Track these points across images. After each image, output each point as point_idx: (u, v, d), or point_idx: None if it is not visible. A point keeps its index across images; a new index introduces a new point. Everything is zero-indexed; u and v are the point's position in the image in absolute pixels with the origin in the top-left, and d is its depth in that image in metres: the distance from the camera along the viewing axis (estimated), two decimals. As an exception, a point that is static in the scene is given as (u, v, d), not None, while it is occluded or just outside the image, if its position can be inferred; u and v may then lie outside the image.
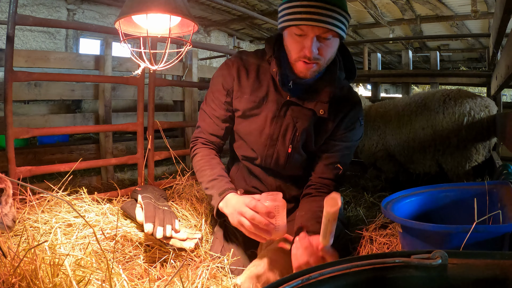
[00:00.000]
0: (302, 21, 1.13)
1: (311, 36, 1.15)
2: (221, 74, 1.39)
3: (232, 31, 10.09)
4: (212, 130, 1.41)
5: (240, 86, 1.35)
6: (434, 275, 0.61)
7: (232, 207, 1.16)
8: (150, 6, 1.08)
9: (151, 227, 1.25)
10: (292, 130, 1.32)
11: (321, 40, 1.17)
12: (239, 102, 1.35)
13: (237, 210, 1.13)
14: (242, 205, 1.12)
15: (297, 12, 1.14)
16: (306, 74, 1.23)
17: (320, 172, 1.36)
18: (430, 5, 6.73)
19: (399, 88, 13.73)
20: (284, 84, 1.29)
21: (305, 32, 1.15)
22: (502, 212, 1.06)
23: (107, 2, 7.38)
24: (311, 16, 1.12)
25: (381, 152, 2.54)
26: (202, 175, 1.33)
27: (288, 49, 1.24)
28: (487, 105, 2.13)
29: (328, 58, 1.23)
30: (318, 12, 1.11)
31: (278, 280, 0.59)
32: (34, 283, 0.88)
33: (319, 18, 1.12)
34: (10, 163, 1.50)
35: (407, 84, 4.16)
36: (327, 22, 1.12)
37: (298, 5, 1.14)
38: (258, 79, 1.35)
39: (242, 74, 1.35)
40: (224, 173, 1.33)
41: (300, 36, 1.17)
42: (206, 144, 1.42)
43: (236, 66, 1.36)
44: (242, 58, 1.38)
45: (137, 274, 1.21)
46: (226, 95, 1.37)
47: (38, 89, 2.34)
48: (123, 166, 2.85)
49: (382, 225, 1.60)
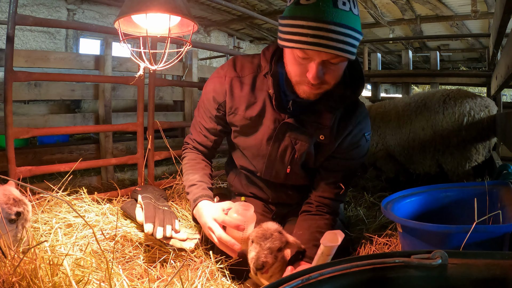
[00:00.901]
0: (308, 45, 0.95)
1: (317, 61, 0.99)
2: (213, 88, 1.28)
3: (232, 31, 10.09)
4: (201, 141, 1.38)
5: (233, 100, 1.25)
6: (434, 275, 0.61)
7: (203, 218, 1.16)
8: (150, 5, 1.08)
9: (151, 227, 1.25)
10: (290, 152, 1.25)
11: (328, 65, 1.01)
12: (234, 118, 1.27)
13: (207, 225, 1.13)
14: (211, 220, 1.12)
15: (303, 34, 0.95)
16: (310, 96, 1.11)
17: (321, 190, 1.29)
18: (430, 5, 6.72)
19: (399, 88, 13.73)
20: (282, 106, 1.18)
21: (310, 56, 0.99)
22: (502, 212, 1.06)
23: (107, 2, 7.38)
24: (318, 41, 0.93)
25: (381, 152, 2.54)
26: (185, 179, 1.33)
27: (288, 69, 1.11)
28: (487, 105, 2.13)
29: (334, 83, 1.09)
30: (328, 36, 0.93)
31: (278, 280, 0.59)
32: (34, 282, 0.88)
33: (328, 43, 0.93)
34: (10, 163, 1.50)
35: (407, 84, 4.17)
36: (337, 48, 0.95)
37: (303, 25, 0.95)
38: (254, 93, 1.23)
39: (235, 87, 1.24)
40: (205, 178, 1.30)
41: (304, 59, 1.02)
42: (195, 149, 1.40)
43: (229, 78, 1.24)
44: (236, 68, 1.26)
45: (137, 274, 1.20)
46: (217, 109, 1.29)
47: (38, 89, 2.33)
48: (123, 166, 2.85)
49: (382, 225, 1.60)
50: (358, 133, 1.24)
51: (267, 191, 1.41)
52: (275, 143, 1.24)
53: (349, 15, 0.96)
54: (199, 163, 1.36)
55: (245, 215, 1.09)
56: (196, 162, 1.36)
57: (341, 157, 1.26)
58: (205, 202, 1.20)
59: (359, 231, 1.59)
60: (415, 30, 8.03)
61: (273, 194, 1.41)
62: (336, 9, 0.94)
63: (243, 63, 1.27)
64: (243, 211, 1.10)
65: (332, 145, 1.23)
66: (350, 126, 1.22)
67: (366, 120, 1.27)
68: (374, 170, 2.83)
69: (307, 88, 1.08)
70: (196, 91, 3.32)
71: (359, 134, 1.24)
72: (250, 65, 1.26)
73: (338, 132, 1.22)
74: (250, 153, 1.33)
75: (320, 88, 1.08)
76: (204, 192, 1.24)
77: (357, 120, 1.23)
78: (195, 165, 1.35)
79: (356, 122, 1.23)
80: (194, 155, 1.38)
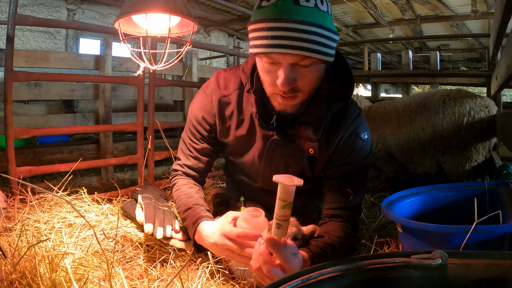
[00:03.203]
0: (270, 48, 0.88)
1: (284, 65, 0.91)
2: (201, 107, 1.21)
3: (232, 31, 10.10)
4: (192, 164, 1.27)
5: (223, 123, 1.20)
6: (434, 275, 0.61)
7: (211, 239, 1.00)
8: (150, 6, 1.08)
9: (151, 227, 1.25)
10: (283, 168, 1.19)
11: (298, 68, 0.93)
12: (226, 139, 1.23)
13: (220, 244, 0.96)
14: (222, 238, 0.96)
15: (264, 37, 0.88)
16: (286, 108, 1.03)
17: (329, 202, 1.19)
18: (430, 5, 6.73)
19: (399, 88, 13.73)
20: (266, 124, 1.10)
21: (276, 61, 0.92)
22: (502, 212, 1.06)
23: (107, 2, 7.38)
24: (280, 42, 0.86)
25: (381, 152, 2.54)
26: (178, 206, 1.21)
27: (262, 80, 1.03)
28: (487, 105, 2.13)
29: (309, 90, 1.00)
30: (290, 36, 0.85)
31: (278, 280, 0.59)
32: (33, 280, 0.88)
33: (291, 43, 0.86)
34: (10, 163, 1.50)
35: (407, 84, 4.16)
36: (302, 48, 0.86)
37: (263, 28, 0.88)
38: (241, 111, 1.17)
39: (223, 108, 1.18)
40: (201, 201, 1.20)
41: (272, 65, 0.94)
42: (185, 175, 1.29)
43: (216, 98, 1.18)
44: (220, 85, 1.19)
45: (137, 274, 1.20)
46: (208, 130, 1.23)
47: (38, 89, 2.33)
48: (123, 166, 2.85)
49: (382, 225, 1.60)
50: (351, 136, 1.14)
51: (267, 198, 1.35)
52: (266, 160, 1.19)
53: (314, 12, 0.88)
54: (192, 187, 1.25)
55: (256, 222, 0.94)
56: (189, 187, 1.24)
57: (340, 163, 1.17)
58: (206, 222, 1.07)
59: (359, 231, 1.58)
60: (415, 30, 8.04)
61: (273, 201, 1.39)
62: (298, 6, 0.87)
63: (226, 79, 1.20)
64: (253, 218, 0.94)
65: (324, 156, 1.16)
66: (341, 132, 1.13)
67: (358, 119, 1.16)
68: (374, 170, 2.83)
69: (280, 99, 0.99)
70: (196, 91, 3.33)
71: (352, 136, 1.14)
72: (234, 79, 1.19)
73: (328, 142, 1.14)
74: (246, 169, 1.29)
75: (294, 98, 0.99)
76: (203, 213, 1.12)
77: (347, 124, 1.14)
78: (188, 190, 1.23)
79: (347, 126, 1.14)
80: (185, 180, 1.27)
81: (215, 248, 1.00)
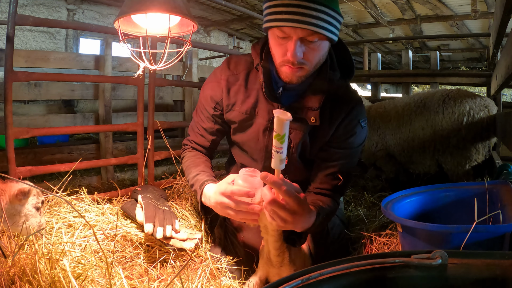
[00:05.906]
0: (283, 22, 1.02)
1: (294, 39, 1.04)
2: (210, 87, 1.33)
3: (232, 31, 10.10)
4: (199, 141, 1.39)
5: (229, 98, 1.29)
6: (434, 275, 0.61)
7: (212, 199, 1.10)
8: (149, 5, 1.08)
9: (151, 227, 1.25)
10: None
11: (306, 43, 1.06)
12: (231, 114, 1.30)
13: (218, 202, 1.07)
14: (219, 196, 1.06)
15: (278, 12, 1.02)
16: (292, 79, 1.13)
17: (318, 182, 1.28)
18: (430, 5, 6.73)
19: (399, 88, 13.73)
20: (272, 94, 1.21)
21: (288, 34, 1.05)
22: (502, 212, 1.06)
23: (107, 2, 7.38)
24: (293, 17, 1.00)
25: (381, 152, 2.54)
26: (187, 174, 1.31)
27: (272, 53, 1.16)
28: (486, 105, 2.13)
29: (315, 63, 1.12)
30: (301, 12, 0.99)
31: (278, 280, 0.59)
32: (33, 276, 0.89)
33: (302, 19, 1.00)
34: (10, 163, 1.50)
35: (407, 84, 4.16)
36: (311, 23, 1.00)
37: (279, 4, 1.03)
38: (247, 88, 1.27)
39: (231, 85, 1.29)
40: (208, 169, 1.30)
41: (283, 39, 1.07)
42: (194, 149, 1.41)
43: (225, 77, 1.29)
44: (230, 67, 1.31)
45: (137, 274, 1.20)
46: (214, 108, 1.32)
47: (38, 89, 2.33)
48: (123, 166, 2.85)
49: (382, 225, 1.60)
50: (353, 120, 1.23)
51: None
52: (270, 133, 1.24)
53: None
54: (199, 158, 1.37)
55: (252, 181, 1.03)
56: (197, 158, 1.36)
57: (337, 146, 1.25)
58: (209, 185, 1.17)
59: (359, 231, 1.58)
60: (415, 30, 8.03)
61: None
62: None
63: (236, 61, 1.32)
64: (250, 177, 1.04)
65: (326, 130, 1.23)
66: (343, 113, 1.22)
67: (360, 106, 1.26)
68: (374, 170, 2.83)
69: (288, 70, 1.10)
70: (196, 91, 3.32)
71: (353, 121, 1.23)
72: (244, 62, 1.31)
73: (331, 119, 1.22)
74: (249, 148, 1.33)
75: (301, 69, 1.10)
76: (208, 178, 1.22)
77: (349, 106, 1.23)
78: (196, 160, 1.35)
79: (349, 108, 1.23)
80: (194, 152, 1.39)
81: (217, 207, 1.09)
